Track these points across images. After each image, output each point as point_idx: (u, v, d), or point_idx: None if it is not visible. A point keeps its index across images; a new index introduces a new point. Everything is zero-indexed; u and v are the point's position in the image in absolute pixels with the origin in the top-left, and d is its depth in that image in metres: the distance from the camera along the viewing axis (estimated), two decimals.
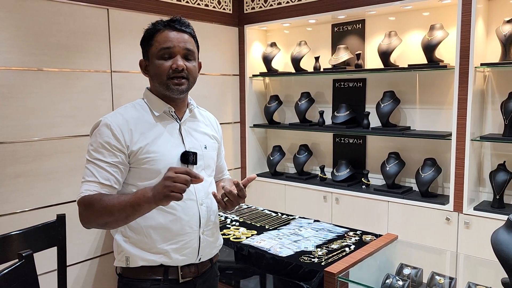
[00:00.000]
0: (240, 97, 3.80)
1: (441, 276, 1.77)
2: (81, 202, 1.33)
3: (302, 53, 3.45)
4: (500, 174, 2.59)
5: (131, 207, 1.27)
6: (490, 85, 2.74)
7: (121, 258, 1.45)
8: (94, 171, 1.35)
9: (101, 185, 1.35)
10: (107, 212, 1.28)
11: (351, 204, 3.11)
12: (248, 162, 3.82)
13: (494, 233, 1.33)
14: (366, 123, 3.16)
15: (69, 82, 2.62)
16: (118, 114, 1.42)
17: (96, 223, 1.33)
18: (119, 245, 1.45)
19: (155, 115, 1.45)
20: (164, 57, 1.40)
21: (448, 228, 2.68)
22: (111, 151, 1.36)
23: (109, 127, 1.37)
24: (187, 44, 1.42)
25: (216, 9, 3.52)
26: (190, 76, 1.43)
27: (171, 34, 1.41)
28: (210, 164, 1.56)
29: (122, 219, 1.30)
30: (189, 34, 1.45)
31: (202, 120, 1.61)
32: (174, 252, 1.43)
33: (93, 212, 1.30)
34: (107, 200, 1.30)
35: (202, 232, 1.48)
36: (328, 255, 1.99)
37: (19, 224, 2.11)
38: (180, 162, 1.43)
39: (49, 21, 2.52)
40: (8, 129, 2.38)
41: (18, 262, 1.39)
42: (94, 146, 1.37)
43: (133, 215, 1.29)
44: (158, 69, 1.41)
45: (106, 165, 1.36)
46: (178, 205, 1.41)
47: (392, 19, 3.14)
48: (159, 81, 1.43)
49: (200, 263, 1.50)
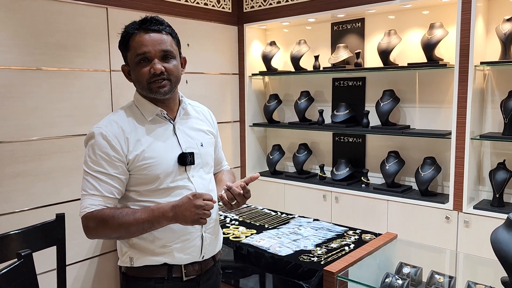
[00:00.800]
0: (239, 96, 3.80)
1: (440, 275, 1.77)
2: (90, 217, 1.32)
3: (302, 52, 3.45)
4: (499, 173, 2.59)
5: (149, 223, 1.32)
6: (490, 84, 2.74)
7: (125, 259, 1.45)
8: (96, 185, 1.34)
9: (105, 198, 1.35)
10: (124, 229, 1.32)
11: (351, 203, 3.10)
12: (248, 161, 3.82)
13: (493, 232, 1.33)
14: (365, 122, 3.16)
15: (68, 81, 2.62)
16: (113, 123, 1.40)
17: (108, 237, 1.38)
18: (122, 246, 1.46)
19: (147, 120, 1.44)
20: (142, 63, 1.38)
21: (447, 227, 2.68)
22: (111, 163, 1.35)
23: (106, 138, 1.35)
24: (163, 45, 1.38)
25: (215, 8, 3.51)
26: (171, 76, 1.40)
27: (145, 37, 1.37)
28: (208, 161, 1.55)
29: (138, 232, 1.35)
30: (164, 32, 1.40)
31: (196, 115, 1.59)
32: (178, 251, 1.43)
33: (106, 228, 1.32)
34: (121, 216, 1.31)
35: (204, 231, 1.48)
36: (327, 254, 1.99)
37: (18, 224, 2.11)
38: (178, 164, 1.42)
39: (48, 21, 2.51)
40: (7, 128, 2.38)
41: (17, 262, 1.39)
42: (93, 158, 1.35)
43: (150, 230, 1.35)
44: (137, 75, 1.40)
45: (108, 177, 1.35)
46: None
47: (392, 17, 3.14)
48: (141, 87, 1.42)
49: (203, 261, 1.51)
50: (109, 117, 1.43)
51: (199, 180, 1.48)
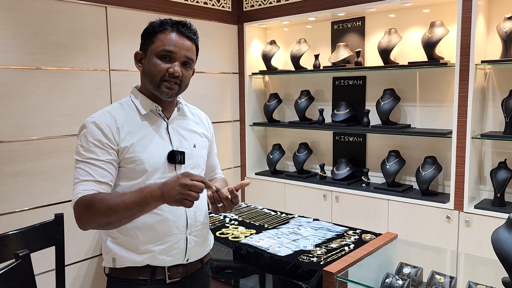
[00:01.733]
0: (239, 96, 3.79)
1: (441, 275, 1.77)
2: (80, 202, 1.28)
3: (302, 51, 3.44)
4: (501, 172, 2.58)
5: (137, 206, 1.24)
6: (490, 83, 2.73)
7: (108, 259, 1.43)
8: (89, 170, 1.32)
9: (98, 183, 1.32)
10: (112, 211, 1.25)
11: (351, 202, 3.10)
12: (248, 160, 3.81)
13: (494, 232, 1.32)
14: (366, 121, 3.15)
15: (68, 80, 2.61)
16: (106, 113, 1.40)
17: (97, 223, 1.28)
18: (106, 246, 1.44)
19: (141, 114, 1.43)
20: (163, 58, 1.39)
21: (448, 227, 2.67)
22: (103, 149, 1.34)
23: (98, 126, 1.35)
24: (189, 53, 1.42)
25: (215, 7, 3.50)
26: (182, 83, 1.43)
27: (177, 38, 1.40)
28: (199, 163, 1.54)
29: (126, 217, 1.27)
30: (193, 41, 1.44)
31: (192, 117, 1.58)
32: (161, 253, 1.41)
33: (95, 212, 1.26)
34: (109, 199, 1.27)
35: (189, 233, 1.46)
36: (327, 254, 1.98)
37: (17, 224, 2.10)
38: (167, 161, 1.41)
39: (48, 20, 2.51)
40: (6, 128, 2.37)
41: (14, 262, 1.39)
42: (85, 146, 1.34)
43: (139, 213, 1.26)
44: (154, 68, 1.39)
45: (101, 162, 1.33)
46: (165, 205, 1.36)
47: (392, 16, 3.13)
48: (151, 79, 1.41)
49: (188, 263, 1.49)
50: (105, 108, 1.44)
51: None
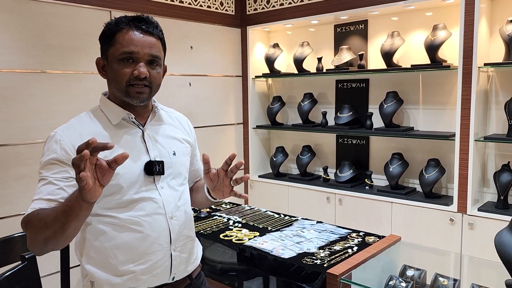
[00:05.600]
0: (242, 98, 3.80)
1: (444, 278, 1.76)
2: (22, 223, 1.15)
3: (305, 54, 3.45)
4: (504, 174, 2.58)
5: (63, 212, 1.06)
6: (493, 85, 2.73)
7: (86, 283, 1.30)
8: (42, 188, 1.18)
9: (48, 201, 1.16)
10: (43, 224, 1.09)
11: (354, 205, 3.10)
12: (251, 163, 3.82)
13: (497, 235, 1.32)
14: (369, 124, 3.16)
15: (72, 84, 2.63)
16: (71, 128, 1.28)
17: (37, 242, 1.12)
18: (83, 268, 1.30)
19: (112, 124, 1.30)
20: (125, 61, 1.25)
21: (452, 229, 2.67)
22: (62, 168, 1.20)
23: (59, 143, 1.23)
24: (153, 50, 1.28)
25: (218, 10, 3.52)
26: (153, 84, 1.29)
27: (136, 36, 1.27)
28: (181, 171, 1.40)
29: (58, 229, 1.08)
30: (156, 36, 1.31)
31: (170, 122, 1.45)
32: (143, 273, 1.28)
33: (32, 229, 1.12)
34: (43, 213, 1.11)
35: (173, 249, 1.33)
36: (330, 257, 1.98)
37: None
38: (145, 173, 1.29)
39: (52, 23, 2.53)
40: (12, 131, 2.39)
41: (20, 264, 1.40)
42: (42, 165, 1.22)
43: (68, 221, 1.06)
44: (117, 74, 1.26)
45: (56, 180, 1.19)
46: (145, 220, 1.27)
47: (395, 19, 3.14)
48: (117, 87, 1.28)
49: (175, 282, 1.36)
50: (71, 121, 1.32)
51: (169, 191, 1.33)
